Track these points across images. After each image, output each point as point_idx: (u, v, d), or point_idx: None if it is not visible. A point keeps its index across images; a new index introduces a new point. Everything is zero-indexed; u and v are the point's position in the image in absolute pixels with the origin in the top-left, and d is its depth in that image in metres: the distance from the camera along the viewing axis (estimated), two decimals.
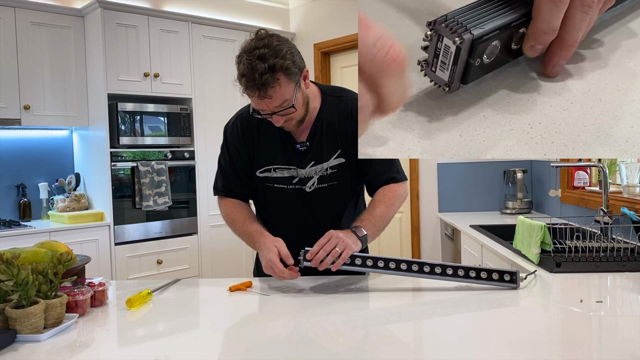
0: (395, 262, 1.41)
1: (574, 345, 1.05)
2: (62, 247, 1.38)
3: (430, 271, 1.40)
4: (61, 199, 3.58)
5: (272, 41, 1.39)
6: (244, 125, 1.63)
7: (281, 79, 1.39)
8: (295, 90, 1.44)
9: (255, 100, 1.43)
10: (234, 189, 1.67)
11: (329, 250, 1.38)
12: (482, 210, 3.54)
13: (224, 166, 1.68)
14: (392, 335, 1.14)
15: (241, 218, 1.62)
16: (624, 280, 1.54)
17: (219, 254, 4.03)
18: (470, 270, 1.40)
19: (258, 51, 1.37)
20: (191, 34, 3.93)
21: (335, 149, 1.59)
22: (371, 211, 1.56)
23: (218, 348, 1.10)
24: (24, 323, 1.08)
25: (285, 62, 1.38)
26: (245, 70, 1.37)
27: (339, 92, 1.65)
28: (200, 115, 3.97)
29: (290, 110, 1.45)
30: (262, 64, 1.36)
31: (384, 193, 1.60)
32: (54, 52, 3.52)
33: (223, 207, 1.69)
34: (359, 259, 1.42)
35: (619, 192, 2.42)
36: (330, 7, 4.38)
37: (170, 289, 1.51)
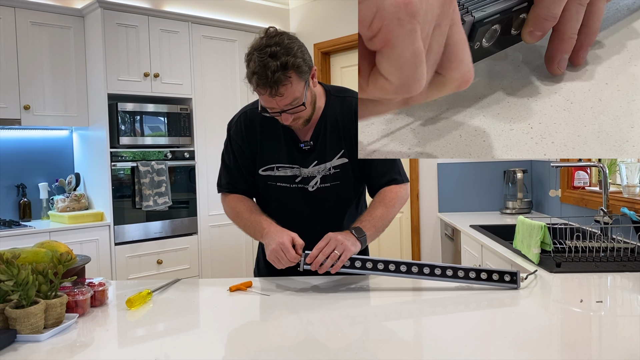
0: (394, 264, 1.42)
1: (574, 345, 1.05)
2: (62, 247, 1.38)
3: (430, 273, 1.41)
4: (61, 199, 3.58)
5: (284, 39, 1.39)
6: (248, 123, 1.63)
7: (293, 77, 1.39)
8: (305, 89, 1.44)
9: (266, 98, 1.42)
10: (238, 186, 1.67)
11: (327, 253, 1.39)
12: (482, 210, 3.54)
13: (227, 163, 1.68)
14: (392, 334, 1.14)
15: (247, 210, 1.61)
16: (624, 280, 1.54)
17: (219, 254, 4.02)
18: (470, 271, 1.40)
19: (270, 49, 1.36)
20: (191, 34, 3.93)
21: (338, 149, 1.59)
22: (371, 212, 1.56)
23: (218, 348, 1.10)
24: (24, 323, 1.08)
25: (297, 60, 1.38)
26: (257, 68, 1.37)
27: (343, 92, 1.65)
28: (200, 115, 3.97)
29: (300, 109, 1.45)
30: (274, 62, 1.35)
31: (385, 194, 1.60)
32: (54, 52, 3.52)
33: (227, 202, 1.68)
34: (359, 262, 1.42)
35: (619, 192, 2.42)
36: (330, 7, 4.38)
37: (170, 289, 1.51)
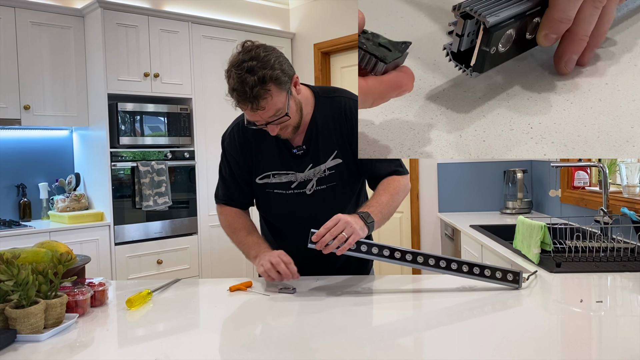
0: (400, 252, 1.38)
1: (574, 345, 1.05)
2: (62, 247, 1.38)
3: (435, 264, 1.38)
4: (61, 199, 3.58)
5: (259, 52, 1.39)
6: (241, 134, 1.64)
7: (272, 90, 1.39)
8: (287, 99, 1.44)
9: (249, 112, 1.43)
10: (235, 198, 1.69)
11: (335, 234, 1.36)
12: (482, 210, 3.54)
13: (224, 175, 1.70)
14: (393, 333, 1.14)
15: (245, 228, 1.65)
16: (624, 280, 1.54)
17: (219, 254, 4.02)
18: (474, 267, 1.39)
19: (246, 64, 1.37)
20: (191, 34, 3.93)
21: (331, 150, 1.59)
22: (377, 198, 1.54)
23: (218, 348, 1.10)
24: (24, 323, 1.08)
25: (275, 72, 1.38)
26: (236, 85, 1.38)
27: (332, 92, 1.64)
28: (200, 115, 3.97)
29: (284, 119, 1.46)
30: (251, 77, 1.36)
31: (388, 182, 1.60)
32: (54, 52, 3.51)
33: (223, 215, 1.71)
34: (365, 246, 1.38)
35: (619, 192, 2.42)
36: (330, 7, 4.38)
37: (170, 289, 1.51)
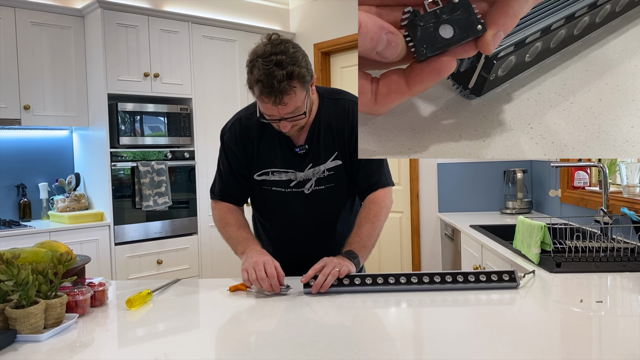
0: (394, 277, 1.41)
1: (574, 345, 1.05)
2: (62, 247, 1.38)
3: (429, 281, 1.40)
4: (61, 199, 3.58)
5: (289, 47, 1.38)
6: (242, 129, 1.63)
7: (297, 87, 1.38)
8: (306, 97, 1.44)
9: (269, 106, 1.41)
10: (231, 192, 1.68)
11: (327, 274, 1.38)
12: (482, 210, 3.53)
13: (221, 170, 1.69)
14: (391, 332, 1.14)
15: (236, 224, 1.63)
16: (624, 280, 1.54)
17: (219, 254, 4.02)
18: (469, 275, 1.40)
19: (275, 57, 1.35)
20: (191, 34, 3.93)
21: (332, 151, 1.59)
22: (358, 232, 1.55)
23: (218, 348, 1.10)
24: (24, 323, 1.08)
25: (302, 70, 1.38)
26: (262, 76, 1.35)
27: (336, 94, 1.64)
28: (200, 116, 3.97)
29: (300, 117, 1.45)
30: (280, 71, 1.34)
31: (369, 208, 1.60)
32: (54, 52, 3.52)
33: (217, 210, 1.69)
34: (358, 279, 1.41)
35: (619, 192, 2.42)
36: (330, 7, 4.38)
37: (170, 289, 1.51)
